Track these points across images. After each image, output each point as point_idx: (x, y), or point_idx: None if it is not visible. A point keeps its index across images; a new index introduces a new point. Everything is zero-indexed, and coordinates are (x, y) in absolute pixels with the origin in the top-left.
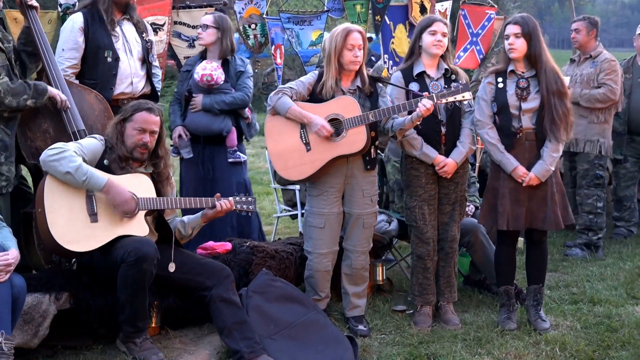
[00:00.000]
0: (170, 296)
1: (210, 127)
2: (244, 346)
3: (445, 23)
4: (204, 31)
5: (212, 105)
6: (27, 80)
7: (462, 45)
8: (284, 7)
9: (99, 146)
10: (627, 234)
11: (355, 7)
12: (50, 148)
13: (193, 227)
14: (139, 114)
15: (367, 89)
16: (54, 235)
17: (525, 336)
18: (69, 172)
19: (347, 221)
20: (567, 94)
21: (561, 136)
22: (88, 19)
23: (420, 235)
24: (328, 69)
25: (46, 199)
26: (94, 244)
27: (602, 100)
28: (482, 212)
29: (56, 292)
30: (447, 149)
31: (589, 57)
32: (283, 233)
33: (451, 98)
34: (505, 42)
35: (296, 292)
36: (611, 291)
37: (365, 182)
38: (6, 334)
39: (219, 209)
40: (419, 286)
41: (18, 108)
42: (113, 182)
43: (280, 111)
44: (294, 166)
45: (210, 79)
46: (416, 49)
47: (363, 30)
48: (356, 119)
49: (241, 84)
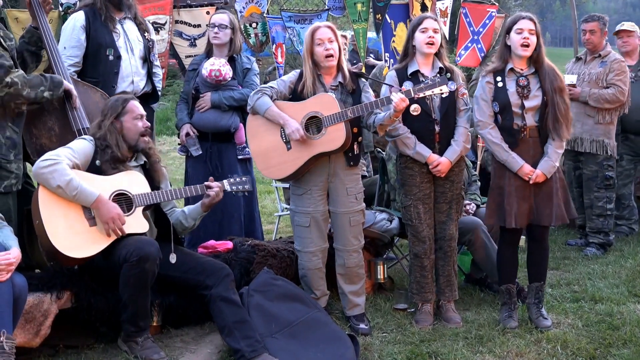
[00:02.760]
0: (172, 295)
1: (219, 123)
2: (244, 345)
3: (435, 19)
4: (222, 31)
5: (220, 101)
6: (43, 73)
7: (463, 44)
8: (285, 5)
9: (89, 148)
10: (629, 231)
11: (356, 5)
12: (42, 159)
13: (195, 218)
14: (129, 104)
15: (349, 84)
16: (56, 245)
17: (527, 334)
18: (60, 186)
19: (334, 221)
20: (565, 90)
21: (564, 134)
22: (90, 17)
23: (416, 234)
24: (305, 69)
25: (42, 210)
26: (96, 248)
27: (611, 100)
28: (488, 211)
29: (57, 291)
30: (441, 147)
31: (597, 57)
32: (284, 232)
33: (428, 92)
34: (518, 37)
35: (297, 290)
36: (613, 289)
37: (348, 180)
38: (7, 333)
39: (213, 196)
40: (417, 284)
41: (36, 100)
42: (102, 199)
43: (259, 111)
44: (275, 165)
45: (218, 74)
46: (410, 49)
47: (333, 26)
48: (335, 116)
49: (248, 81)
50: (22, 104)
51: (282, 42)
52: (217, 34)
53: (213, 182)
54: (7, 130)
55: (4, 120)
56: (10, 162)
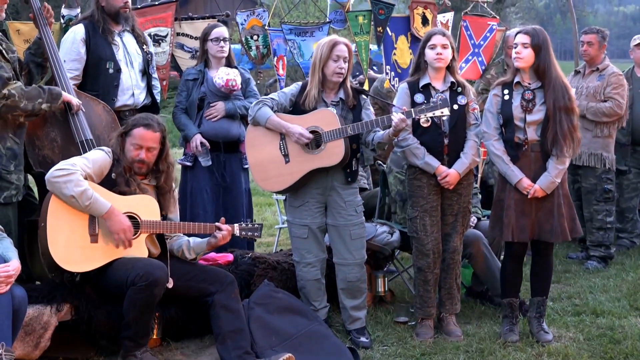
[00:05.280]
0: (172, 308)
1: (231, 132)
2: (234, 356)
3: (443, 34)
4: (226, 44)
5: (235, 110)
6: (42, 85)
7: (464, 56)
8: (286, 18)
9: (106, 160)
10: (630, 245)
11: (358, 18)
12: (57, 168)
13: (197, 252)
14: (136, 129)
15: (351, 101)
16: (52, 254)
17: (528, 348)
18: (74, 196)
19: (333, 235)
20: (574, 110)
21: (565, 152)
22: (89, 30)
23: (420, 247)
24: (312, 79)
25: (49, 216)
26: (91, 265)
27: (608, 114)
28: (491, 224)
29: (57, 304)
30: (450, 159)
31: (595, 70)
32: (285, 244)
33: (429, 114)
34: (512, 51)
35: (298, 303)
36: (614, 303)
37: (346, 194)
38: (7, 346)
39: (221, 238)
40: (420, 299)
41: (33, 112)
42: (114, 210)
43: (260, 121)
44: (272, 177)
45: (234, 84)
46: (422, 64)
47: (350, 43)
48: (335, 132)
49: (251, 91)
50: (20, 115)
51: (284, 54)
52: (222, 47)
53: (223, 225)
54: (8, 141)
55: (4, 131)
56: (11, 173)
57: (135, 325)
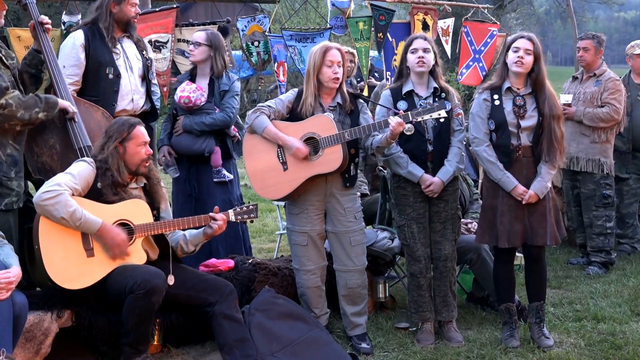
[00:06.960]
0: (173, 314)
1: (192, 147)
2: None
3: (425, 39)
4: (196, 48)
5: (191, 126)
6: (38, 94)
7: (465, 62)
8: (287, 24)
9: (91, 171)
10: (631, 250)
11: (358, 24)
12: (43, 190)
13: (195, 244)
14: (135, 130)
15: (348, 106)
16: (50, 275)
17: (529, 354)
18: (64, 218)
19: (333, 242)
20: (562, 118)
21: (557, 158)
22: (89, 36)
23: (411, 254)
24: (307, 86)
25: (41, 238)
26: (90, 280)
27: (605, 119)
28: (480, 230)
29: (58, 310)
30: (434, 167)
31: (592, 76)
32: (286, 250)
33: (427, 116)
34: (513, 55)
35: (298, 309)
36: (615, 308)
37: (345, 200)
38: (7, 352)
39: (217, 228)
40: (415, 304)
41: (30, 121)
42: (106, 226)
43: (256, 130)
44: (271, 185)
45: (187, 101)
46: (404, 70)
47: (342, 48)
48: (332, 138)
49: (224, 104)
50: (17, 125)
51: (284, 60)
52: (192, 50)
53: (218, 214)
54: (8, 148)
55: (4, 138)
56: (11, 179)
57: (134, 333)
